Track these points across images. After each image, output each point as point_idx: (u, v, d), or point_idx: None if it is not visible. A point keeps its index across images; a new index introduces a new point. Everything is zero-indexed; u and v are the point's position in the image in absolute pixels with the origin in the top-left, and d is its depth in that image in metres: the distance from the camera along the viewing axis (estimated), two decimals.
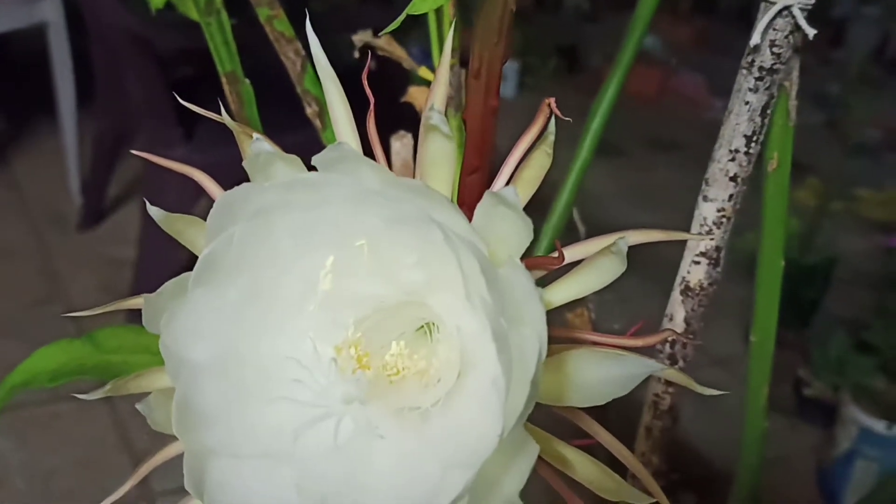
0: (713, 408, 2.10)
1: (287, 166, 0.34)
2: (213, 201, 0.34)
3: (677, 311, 0.59)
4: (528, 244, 0.33)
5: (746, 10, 5.77)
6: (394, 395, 0.36)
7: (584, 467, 0.34)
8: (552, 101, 0.39)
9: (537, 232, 0.83)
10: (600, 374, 0.33)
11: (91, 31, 2.34)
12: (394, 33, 0.91)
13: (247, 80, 0.65)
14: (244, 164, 0.34)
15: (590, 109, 0.77)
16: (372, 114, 0.40)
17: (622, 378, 0.32)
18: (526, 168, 0.36)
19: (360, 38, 0.77)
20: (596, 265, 0.35)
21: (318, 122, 0.68)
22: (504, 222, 0.32)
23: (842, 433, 1.86)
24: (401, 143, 0.74)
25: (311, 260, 0.35)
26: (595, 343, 0.37)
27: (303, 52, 0.66)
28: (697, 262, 0.57)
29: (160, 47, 2.10)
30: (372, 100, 0.40)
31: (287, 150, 0.34)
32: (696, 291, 0.58)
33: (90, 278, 2.36)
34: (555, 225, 0.77)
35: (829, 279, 2.22)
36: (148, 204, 0.33)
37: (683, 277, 0.58)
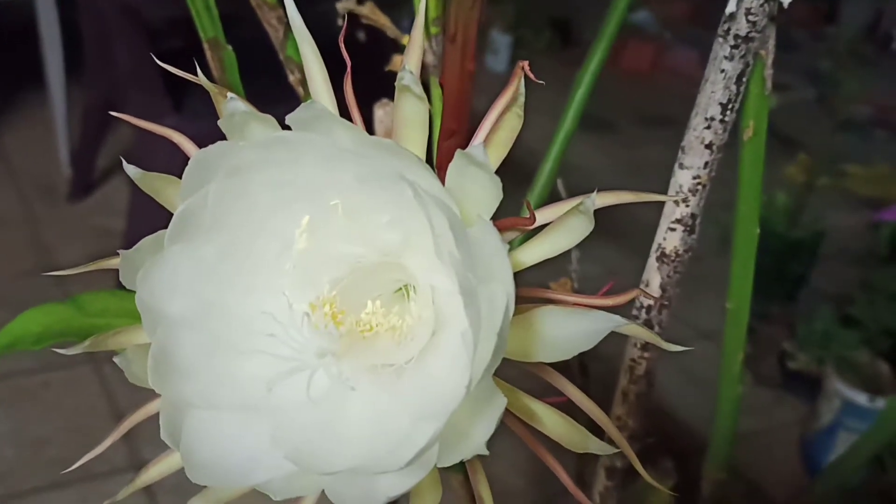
0: (699, 377, 2.13)
1: (262, 125, 0.34)
2: None
3: (653, 278, 0.60)
4: (497, 203, 0.33)
5: None
6: (368, 352, 0.37)
7: (550, 421, 0.35)
8: (525, 63, 0.40)
9: (512, 208, 0.83)
10: (566, 329, 0.34)
11: (80, 1, 2.32)
12: (385, 4, 0.92)
13: (229, 47, 0.65)
14: (219, 123, 0.34)
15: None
16: (349, 78, 0.40)
17: (587, 332, 0.33)
18: (498, 130, 0.36)
19: (344, 6, 0.77)
20: (565, 225, 0.36)
21: (300, 90, 0.69)
22: (475, 182, 0.33)
23: (825, 405, 1.88)
24: (384, 111, 0.75)
25: (286, 219, 0.35)
26: (566, 302, 0.38)
27: (285, 20, 0.66)
28: (673, 229, 0.58)
29: (149, 17, 2.09)
30: (349, 64, 0.41)
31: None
32: (672, 258, 0.59)
33: (80, 249, 2.36)
34: (538, 195, 0.78)
35: (816, 254, 2.24)
36: (125, 162, 0.34)
37: (659, 244, 0.59)
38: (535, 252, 0.38)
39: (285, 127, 0.34)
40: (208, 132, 0.96)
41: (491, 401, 0.33)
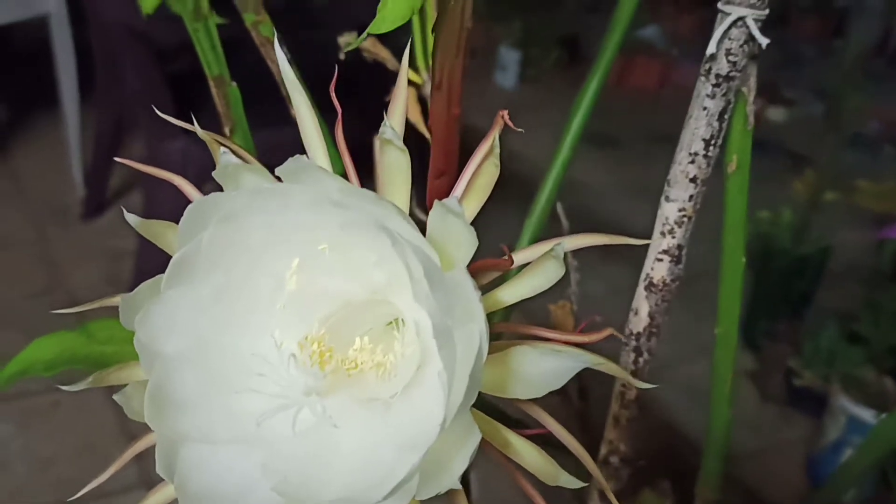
0: (703, 394, 2.13)
1: (254, 175, 0.36)
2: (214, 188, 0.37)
3: (642, 306, 0.62)
4: (473, 248, 0.36)
5: None
6: (354, 388, 0.39)
7: (526, 453, 0.37)
8: (505, 113, 0.42)
9: (520, 226, 0.84)
10: (538, 367, 0.35)
11: (91, 23, 2.36)
12: (390, 32, 0.94)
13: (233, 83, 0.68)
14: (214, 174, 0.36)
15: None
16: (339, 125, 0.43)
17: (557, 371, 0.35)
18: (477, 177, 0.39)
19: (345, 39, 0.80)
20: (540, 267, 0.38)
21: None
22: (452, 230, 0.35)
23: (831, 423, 1.89)
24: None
25: (277, 261, 0.37)
26: (544, 339, 0.40)
27: (287, 56, 0.69)
28: (660, 260, 0.60)
29: (158, 40, 2.12)
30: (339, 112, 0.43)
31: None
32: (660, 287, 0.61)
33: (92, 269, 2.39)
34: (536, 220, 0.80)
35: (823, 271, 2.24)
36: (125, 211, 0.36)
37: (647, 274, 0.61)
38: (514, 292, 0.40)
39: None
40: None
41: (467, 436, 0.35)
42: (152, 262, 1.87)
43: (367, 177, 0.42)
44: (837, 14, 5.47)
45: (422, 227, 0.37)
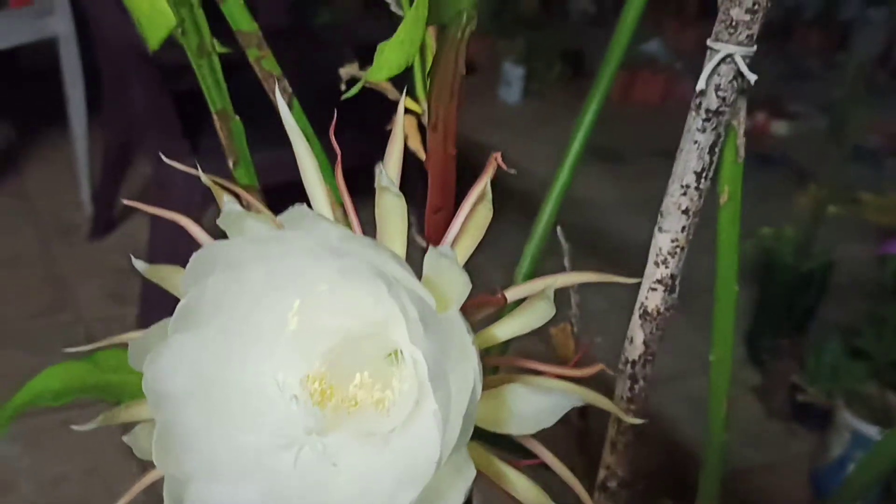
0: (705, 413, 2.13)
1: (257, 221, 0.38)
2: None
3: (637, 334, 0.63)
4: (467, 290, 0.37)
5: None
6: (354, 423, 0.40)
7: (520, 485, 0.39)
8: (498, 155, 0.43)
9: (526, 240, 0.85)
10: (530, 405, 0.37)
11: (98, 44, 2.39)
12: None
13: (236, 117, 0.70)
14: (218, 221, 0.38)
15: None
16: (339, 167, 0.44)
17: (549, 409, 0.36)
18: (471, 220, 0.40)
19: (347, 71, 0.82)
20: (532, 307, 0.39)
21: None
22: (446, 273, 0.37)
23: (835, 438, 1.89)
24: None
25: (279, 302, 0.39)
26: (539, 372, 0.42)
27: (289, 89, 0.71)
28: (654, 289, 0.61)
29: (165, 61, 2.15)
30: (339, 154, 0.45)
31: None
32: (654, 316, 0.62)
33: (99, 287, 2.41)
34: (535, 245, 0.81)
35: (826, 286, 2.25)
36: (133, 258, 0.38)
37: (642, 303, 0.62)
38: (507, 329, 0.41)
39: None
40: (224, 172, 1.00)
41: (463, 471, 0.36)
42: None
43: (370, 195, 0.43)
44: (841, 27, 5.49)
45: (423, 254, 0.38)
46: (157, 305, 2.20)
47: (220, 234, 0.42)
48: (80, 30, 2.54)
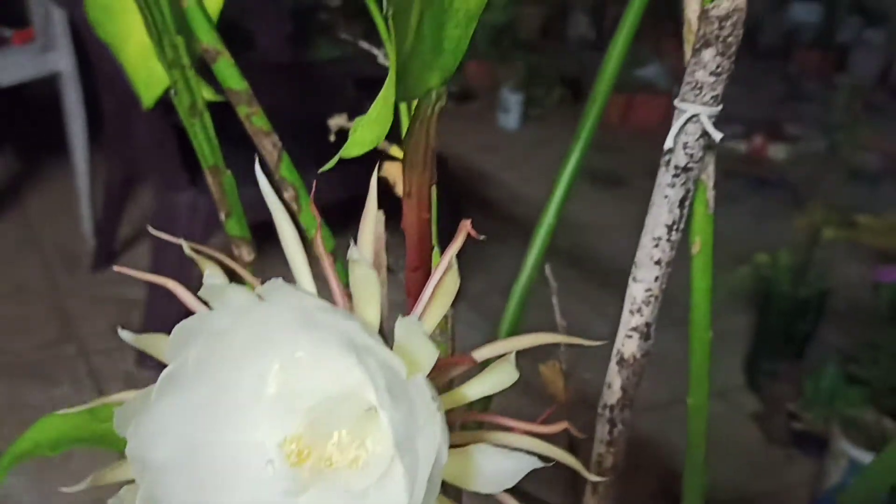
0: (712, 439, 2.14)
1: (237, 292, 0.40)
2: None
3: (615, 380, 0.65)
4: (434, 359, 0.39)
5: (751, 36, 5.83)
6: (331, 480, 0.42)
7: None
8: (468, 222, 0.46)
9: (508, 289, 0.86)
10: (493, 466, 0.39)
11: (100, 79, 2.43)
12: None
13: (228, 171, 0.72)
14: (200, 293, 0.40)
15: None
16: (318, 234, 0.46)
17: (511, 471, 0.38)
18: (440, 288, 0.42)
19: (336, 122, 0.84)
20: (498, 369, 0.42)
21: (294, 206, 0.75)
22: (414, 341, 0.39)
23: (833, 465, 1.90)
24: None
25: (259, 367, 0.41)
26: (508, 428, 0.44)
27: (279, 144, 0.73)
28: (630, 336, 0.63)
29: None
30: (319, 221, 0.47)
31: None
32: (630, 362, 0.64)
33: (102, 319, 2.44)
34: (523, 285, 0.83)
35: (823, 311, 2.27)
36: (120, 330, 0.40)
37: (619, 349, 0.64)
38: (477, 388, 0.43)
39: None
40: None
41: None
42: (160, 312, 1.92)
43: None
44: (840, 49, 5.54)
45: None
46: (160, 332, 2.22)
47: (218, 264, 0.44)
48: (80, 62, 2.58)
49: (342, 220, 1.01)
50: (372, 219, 0.43)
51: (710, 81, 0.57)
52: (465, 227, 0.45)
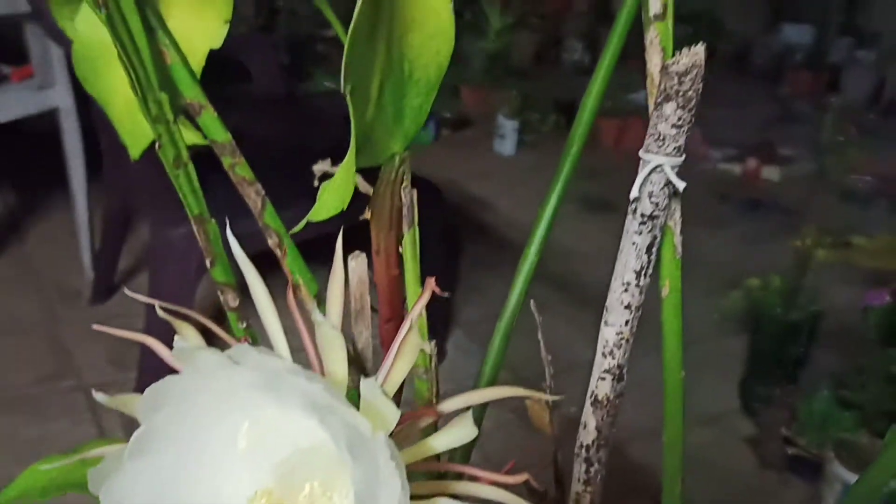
0: (700, 462, 2.15)
1: (208, 354, 0.42)
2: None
3: (590, 420, 0.67)
4: (395, 420, 0.41)
5: (742, 57, 5.88)
6: None
7: None
8: (432, 280, 0.47)
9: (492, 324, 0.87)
10: None
11: (98, 115, 2.46)
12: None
13: (212, 220, 0.74)
14: (172, 354, 0.42)
15: (586, 165, 0.78)
16: (290, 290, 0.48)
17: None
18: (404, 347, 0.44)
19: (320, 168, 0.86)
20: (459, 423, 0.43)
21: (278, 252, 0.77)
22: (378, 402, 0.41)
23: (827, 489, 1.90)
24: (356, 262, 0.83)
25: (229, 425, 0.43)
26: (473, 478, 0.46)
27: (262, 192, 0.75)
28: (603, 378, 0.65)
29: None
30: (290, 281, 0.49)
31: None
32: (604, 403, 0.66)
33: (99, 352, 2.45)
34: (507, 322, 0.84)
35: (815, 335, 2.28)
36: (94, 391, 0.42)
37: (593, 391, 0.66)
38: (440, 442, 0.45)
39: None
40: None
41: None
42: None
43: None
44: (831, 69, 5.58)
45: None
46: (155, 372, 2.24)
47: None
48: (79, 97, 2.61)
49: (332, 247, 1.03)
50: (339, 281, 0.45)
51: (673, 133, 0.59)
52: (430, 284, 0.47)
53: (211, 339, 0.45)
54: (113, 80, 0.75)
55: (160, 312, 0.45)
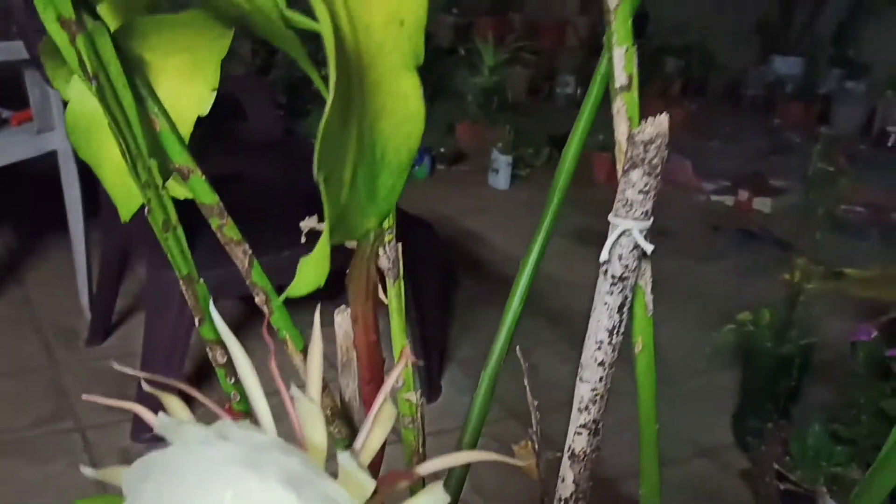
0: (699, 494, 2.16)
1: (192, 429, 0.44)
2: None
3: (567, 474, 0.69)
4: (371, 489, 0.43)
5: (734, 89, 5.94)
6: None
7: None
8: (408, 350, 0.50)
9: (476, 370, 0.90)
10: None
11: None
12: None
13: (200, 279, 0.77)
14: (156, 429, 0.44)
15: (580, 199, 0.80)
16: (273, 359, 0.51)
17: None
18: (378, 418, 0.46)
19: (306, 224, 0.89)
20: (428, 493, 0.46)
21: (265, 309, 0.80)
22: (353, 471, 0.43)
23: None
24: (341, 317, 0.85)
25: (213, 497, 0.45)
26: None
27: (249, 252, 0.78)
28: (580, 433, 0.67)
29: None
30: (272, 347, 0.52)
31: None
32: (581, 458, 0.68)
33: (98, 393, 2.45)
34: (491, 371, 0.86)
35: (807, 368, 2.29)
36: (82, 467, 0.44)
37: (570, 445, 0.68)
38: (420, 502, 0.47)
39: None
40: (217, 280, 1.06)
41: None
42: (152, 385, 1.93)
43: None
44: (821, 100, 5.64)
45: None
46: (152, 410, 2.26)
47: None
48: None
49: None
50: (318, 352, 0.47)
51: (640, 199, 0.61)
52: (406, 355, 0.49)
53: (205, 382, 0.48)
54: (104, 147, 0.78)
55: (145, 386, 0.47)
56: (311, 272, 0.47)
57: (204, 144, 0.86)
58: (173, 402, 0.47)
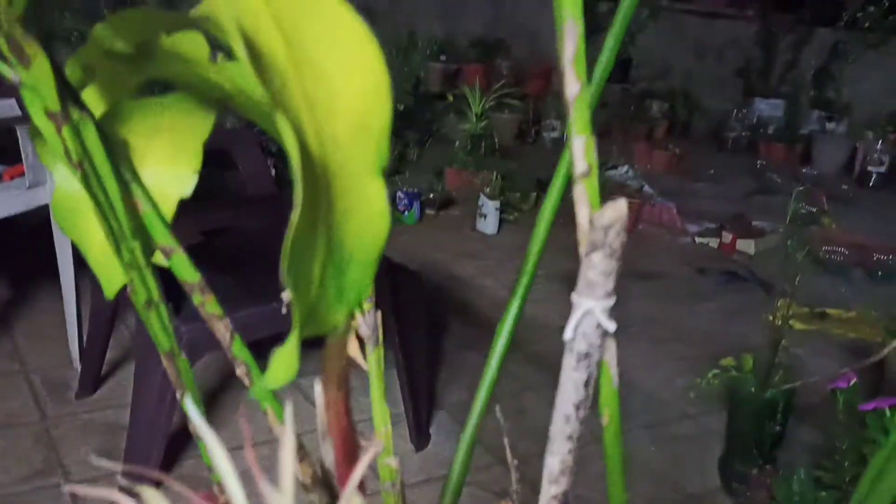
0: None
1: None
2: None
3: None
4: None
5: (717, 132, 6.03)
6: None
7: None
8: (381, 442, 0.52)
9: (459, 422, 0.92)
10: None
11: None
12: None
13: (182, 354, 0.79)
14: None
15: (569, 243, 0.81)
16: (250, 450, 0.53)
17: None
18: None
19: (287, 296, 0.92)
20: None
21: (246, 381, 0.82)
22: None
23: None
24: (321, 387, 0.88)
25: None
26: None
27: (231, 327, 0.80)
28: None
29: None
30: (249, 435, 0.54)
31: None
32: None
33: (87, 445, 2.47)
34: (471, 432, 0.89)
35: (790, 412, 2.32)
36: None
37: None
38: None
39: None
40: (205, 333, 1.08)
41: None
42: (143, 439, 1.97)
43: None
44: (803, 141, 5.73)
45: None
46: (141, 461, 2.26)
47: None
48: None
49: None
50: (291, 448, 0.50)
51: (601, 280, 0.64)
52: (377, 445, 0.52)
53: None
54: (89, 228, 0.81)
55: (121, 481, 0.49)
56: (282, 366, 0.50)
57: (195, 198, 0.89)
58: (154, 498, 0.49)
